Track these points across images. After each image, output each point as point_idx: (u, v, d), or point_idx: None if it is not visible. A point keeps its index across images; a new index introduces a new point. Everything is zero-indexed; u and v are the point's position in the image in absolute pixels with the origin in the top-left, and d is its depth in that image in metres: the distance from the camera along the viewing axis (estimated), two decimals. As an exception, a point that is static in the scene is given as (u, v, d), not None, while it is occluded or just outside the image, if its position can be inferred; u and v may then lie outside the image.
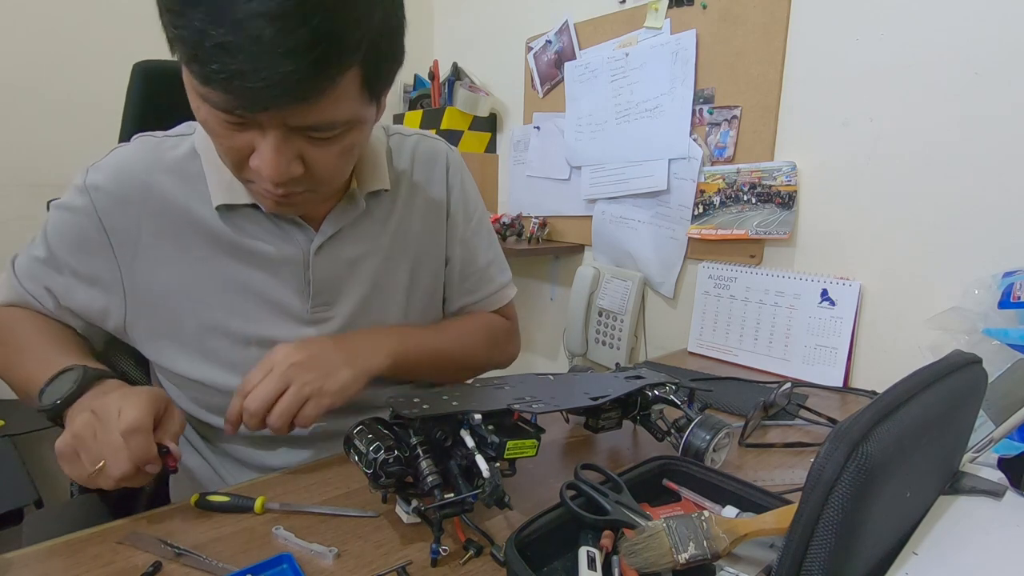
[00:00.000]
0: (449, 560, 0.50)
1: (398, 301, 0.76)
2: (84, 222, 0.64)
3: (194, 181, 0.65)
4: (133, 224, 0.64)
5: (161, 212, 0.64)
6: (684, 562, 0.43)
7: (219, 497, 0.57)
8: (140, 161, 0.65)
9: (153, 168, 0.65)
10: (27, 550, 0.51)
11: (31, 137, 1.36)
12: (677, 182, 1.28)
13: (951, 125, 0.91)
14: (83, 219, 0.64)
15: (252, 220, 0.66)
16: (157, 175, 0.64)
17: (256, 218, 0.66)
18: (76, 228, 0.65)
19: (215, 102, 0.49)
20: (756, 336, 1.15)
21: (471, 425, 0.52)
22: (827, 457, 0.35)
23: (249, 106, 0.48)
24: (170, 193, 0.64)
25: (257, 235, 0.66)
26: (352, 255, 0.71)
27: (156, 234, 0.64)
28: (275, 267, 0.67)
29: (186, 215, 0.65)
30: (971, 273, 0.89)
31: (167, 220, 0.64)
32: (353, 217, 0.70)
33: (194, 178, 0.65)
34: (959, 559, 0.43)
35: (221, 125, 0.52)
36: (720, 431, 0.63)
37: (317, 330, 0.69)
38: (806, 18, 1.06)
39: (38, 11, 1.33)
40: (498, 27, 1.72)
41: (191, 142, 0.66)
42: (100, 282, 0.65)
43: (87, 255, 0.65)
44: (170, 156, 0.66)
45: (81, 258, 0.65)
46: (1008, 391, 0.66)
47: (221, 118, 0.51)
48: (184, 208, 0.64)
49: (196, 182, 0.65)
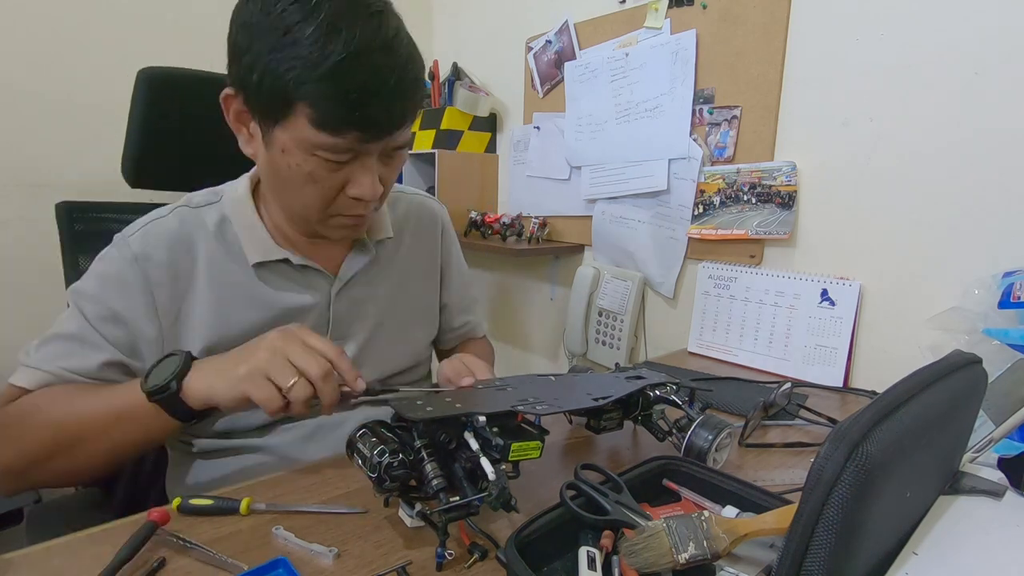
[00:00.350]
0: (454, 564, 0.50)
1: (398, 336, 0.84)
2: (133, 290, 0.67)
3: (229, 245, 0.72)
4: (179, 294, 0.70)
5: (206, 278, 0.71)
6: (684, 562, 0.43)
7: (202, 500, 0.56)
8: (187, 232, 0.71)
9: (200, 238, 0.72)
10: (27, 550, 0.51)
11: (31, 137, 1.36)
12: (677, 182, 1.28)
13: (951, 125, 0.91)
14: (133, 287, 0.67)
15: (281, 274, 0.74)
16: (202, 244, 0.71)
17: (285, 272, 0.74)
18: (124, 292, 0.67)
19: (340, 146, 0.61)
20: (756, 336, 1.15)
21: (475, 427, 0.52)
22: (827, 457, 0.35)
23: (376, 138, 0.62)
24: (214, 259, 0.71)
25: (286, 287, 0.74)
26: (362, 296, 0.80)
27: (196, 301, 0.70)
28: (301, 311, 0.75)
29: (227, 277, 0.72)
30: (971, 273, 0.89)
31: (209, 285, 0.71)
32: (366, 262, 0.80)
33: (229, 242, 0.73)
34: (959, 559, 0.43)
35: (327, 169, 0.63)
36: (722, 431, 0.63)
37: None
38: (806, 18, 1.06)
39: (38, 11, 1.33)
40: (498, 27, 1.72)
41: (219, 209, 0.74)
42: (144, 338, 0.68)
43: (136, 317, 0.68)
44: (209, 224, 0.73)
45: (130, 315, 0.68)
46: (1008, 391, 0.66)
47: (330, 163, 0.62)
48: (225, 271, 0.71)
49: (231, 246, 0.72)
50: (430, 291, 0.92)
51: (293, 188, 0.66)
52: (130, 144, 0.90)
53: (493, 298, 1.87)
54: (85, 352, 0.66)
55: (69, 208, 0.90)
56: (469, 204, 1.73)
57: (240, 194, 0.74)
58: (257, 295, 0.72)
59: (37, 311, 0.71)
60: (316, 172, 0.63)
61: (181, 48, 1.38)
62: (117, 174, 0.92)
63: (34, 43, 1.34)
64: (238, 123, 0.67)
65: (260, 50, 0.58)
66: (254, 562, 0.48)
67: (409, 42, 0.63)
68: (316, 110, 0.58)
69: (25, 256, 1.34)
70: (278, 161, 0.64)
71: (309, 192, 0.65)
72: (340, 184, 0.65)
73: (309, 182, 0.64)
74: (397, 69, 0.60)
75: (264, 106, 0.61)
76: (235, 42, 0.61)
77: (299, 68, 0.57)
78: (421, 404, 0.54)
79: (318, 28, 0.56)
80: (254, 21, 0.59)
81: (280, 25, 0.57)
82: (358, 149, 0.62)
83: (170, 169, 0.93)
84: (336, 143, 0.60)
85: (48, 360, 0.65)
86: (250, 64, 0.59)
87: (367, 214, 0.70)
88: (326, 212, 0.68)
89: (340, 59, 0.56)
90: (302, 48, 0.57)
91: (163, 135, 0.91)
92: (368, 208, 0.69)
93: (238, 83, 0.63)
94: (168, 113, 0.90)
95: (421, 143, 1.77)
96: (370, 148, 0.63)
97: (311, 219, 0.69)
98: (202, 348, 0.69)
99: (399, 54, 0.60)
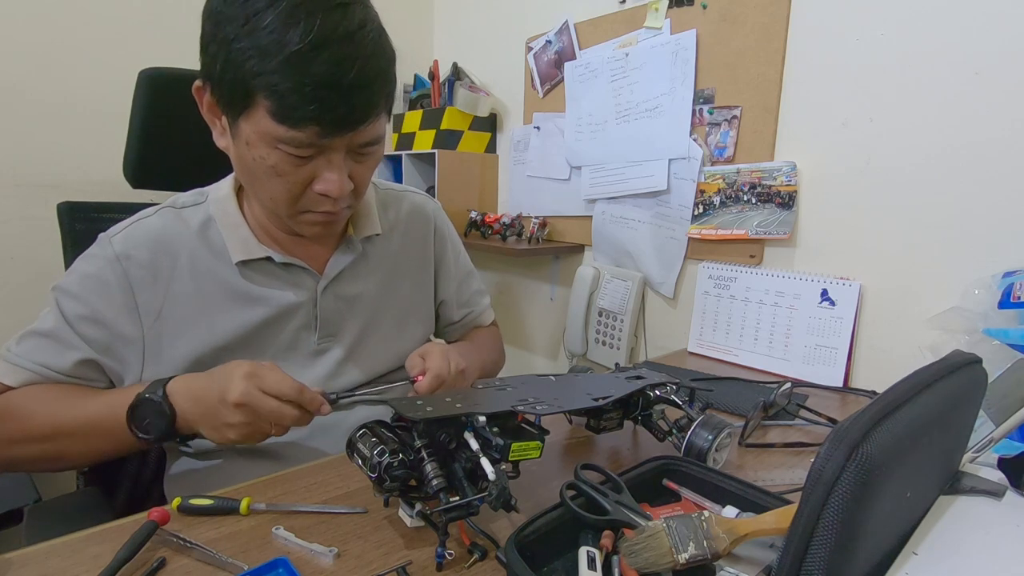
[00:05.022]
0: (454, 564, 0.50)
1: (391, 334, 0.84)
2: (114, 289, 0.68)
3: (213, 244, 0.72)
4: (160, 294, 0.70)
5: (188, 278, 0.70)
6: (684, 562, 0.43)
7: (202, 500, 0.56)
8: (169, 233, 0.71)
9: (182, 238, 0.71)
10: (27, 550, 0.51)
11: (33, 138, 1.36)
12: (677, 182, 1.28)
13: (951, 125, 0.91)
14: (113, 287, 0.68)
15: (266, 272, 0.73)
16: (185, 244, 0.71)
17: (269, 270, 0.73)
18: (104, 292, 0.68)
19: (300, 140, 0.59)
20: (756, 336, 1.15)
21: (475, 427, 0.52)
22: (827, 457, 0.35)
23: (337, 132, 0.60)
24: (197, 258, 0.71)
25: (271, 285, 0.73)
26: (351, 293, 0.79)
27: (179, 301, 0.70)
28: (288, 309, 0.74)
29: (210, 276, 0.71)
30: (971, 273, 0.89)
31: (193, 284, 0.70)
32: (352, 259, 0.78)
33: (213, 242, 0.72)
34: (959, 559, 0.43)
35: (290, 163, 0.61)
36: (722, 431, 0.63)
37: (323, 359, 0.77)
38: (806, 18, 1.06)
39: (39, 11, 1.33)
40: (498, 27, 1.72)
41: (205, 209, 0.74)
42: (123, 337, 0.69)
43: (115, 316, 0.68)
44: (193, 224, 0.72)
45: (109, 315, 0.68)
46: (1008, 391, 0.66)
47: (293, 157, 0.60)
48: (209, 270, 0.71)
49: (215, 245, 0.72)
50: (424, 288, 0.91)
51: (260, 181, 0.64)
52: (131, 145, 0.90)
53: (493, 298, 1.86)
54: (60, 350, 0.67)
55: (71, 208, 0.90)
56: (469, 204, 1.73)
57: (223, 193, 0.75)
58: (241, 293, 0.72)
59: (37, 311, 0.70)
60: (280, 166, 0.61)
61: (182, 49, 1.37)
62: (119, 175, 0.93)
63: (35, 44, 1.34)
64: (211, 115, 0.66)
65: (223, 39, 0.57)
66: (254, 562, 0.48)
67: (377, 35, 0.60)
68: (273, 102, 0.57)
69: (25, 256, 1.35)
70: (244, 154, 0.63)
71: (276, 186, 0.64)
72: (307, 179, 0.63)
73: (274, 175, 0.62)
74: (359, 61, 0.57)
75: (227, 97, 0.60)
76: (203, 32, 0.61)
77: (256, 58, 0.56)
78: (421, 404, 0.54)
79: (277, 17, 0.55)
80: (219, 10, 0.58)
81: (241, 14, 0.56)
82: (320, 144, 0.60)
83: (171, 170, 0.93)
84: (295, 136, 0.58)
85: (25, 355, 0.67)
86: (214, 54, 0.59)
87: (338, 212, 0.68)
88: (295, 208, 0.66)
89: (296, 49, 0.54)
90: (261, 37, 0.55)
91: (164, 136, 0.91)
92: (337, 206, 0.67)
93: (205, 74, 0.62)
94: (169, 114, 0.90)
95: (421, 143, 1.77)
96: (334, 143, 0.61)
97: (281, 214, 0.68)
98: (188, 351, 0.69)
99: (362, 45, 0.57)
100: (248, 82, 0.57)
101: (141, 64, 0.90)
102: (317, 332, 0.76)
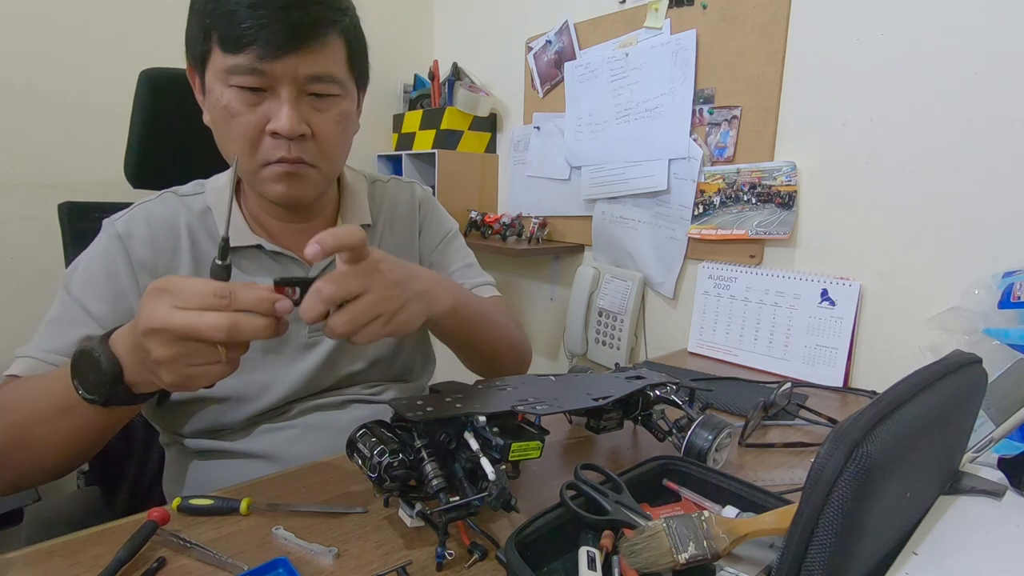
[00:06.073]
0: (454, 564, 0.50)
1: None
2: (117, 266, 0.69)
3: (211, 231, 0.74)
4: (162, 270, 0.70)
5: (189, 259, 0.72)
6: (684, 562, 0.43)
7: (202, 500, 0.56)
8: (171, 214, 0.73)
9: (183, 220, 0.73)
10: (27, 550, 0.51)
11: (33, 138, 1.36)
12: (677, 182, 1.28)
13: (951, 125, 0.91)
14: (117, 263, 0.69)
15: (255, 260, 0.74)
16: (187, 225, 0.73)
17: (259, 258, 0.74)
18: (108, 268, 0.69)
19: (242, 66, 0.60)
20: (756, 336, 1.15)
21: (475, 427, 0.52)
22: (827, 457, 0.35)
23: (276, 53, 0.60)
24: (197, 242, 0.73)
25: (259, 273, 0.73)
26: None
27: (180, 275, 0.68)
28: None
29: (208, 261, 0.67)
30: (971, 273, 0.89)
31: (194, 268, 0.72)
32: None
33: (211, 229, 0.74)
34: (959, 559, 0.43)
35: (242, 101, 0.62)
36: (722, 431, 0.63)
37: (312, 352, 0.76)
38: (806, 18, 1.06)
39: (39, 12, 1.33)
40: (498, 27, 1.72)
41: (204, 199, 0.75)
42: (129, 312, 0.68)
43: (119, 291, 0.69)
44: (194, 209, 0.74)
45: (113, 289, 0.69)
46: (1008, 391, 0.66)
47: (244, 92, 0.62)
48: (207, 255, 0.72)
49: (213, 232, 0.74)
50: None
51: (222, 131, 0.66)
52: (132, 144, 0.90)
53: (493, 298, 1.87)
54: (65, 329, 0.66)
55: (71, 208, 0.90)
56: (469, 204, 1.73)
57: (221, 183, 0.77)
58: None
59: (37, 311, 0.70)
60: (232, 105, 0.63)
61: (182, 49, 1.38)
62: (119, 174, 0.93)
63: (36, 44, 1.34)
64: (200, 94, 0.69)
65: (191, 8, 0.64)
66: (254, 562, 0.48)
67: None
68: (218, 30, 0.61)
69: (25, 256, 1.35)
70: (209, 106, 0.66)
71: (234, 131, 0.64)
72: (261, 122, 0.64)
73: (229, 117, 0.64)
74: None
75: (194, 53, 0.65)
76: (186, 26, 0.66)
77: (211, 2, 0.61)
78: (421, 404, 0.54)
79: None
80: None
81: None
82: (262, 69, 0.61)
83: (172, 169, 0.93)
84: (238, 63, 0.61)
85: (34, 347, 0.66)
86: (188, 24, 0.65)
87: (295, 162, 0.66)
88: (255, 160, 0.66)
89: None
90: None
91: (165, 135, 0.91)
92: (292, 152, 0.65)
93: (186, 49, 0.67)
94: (170, 114, 0.90)
95: (421, 143, 1.77)
96: (276, 70, 0.61)
97: (248, 172, 0.67)
98: None
99: None
100: (205, 24, 0.62)
101: (141, 64, 0.90)
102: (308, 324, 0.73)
